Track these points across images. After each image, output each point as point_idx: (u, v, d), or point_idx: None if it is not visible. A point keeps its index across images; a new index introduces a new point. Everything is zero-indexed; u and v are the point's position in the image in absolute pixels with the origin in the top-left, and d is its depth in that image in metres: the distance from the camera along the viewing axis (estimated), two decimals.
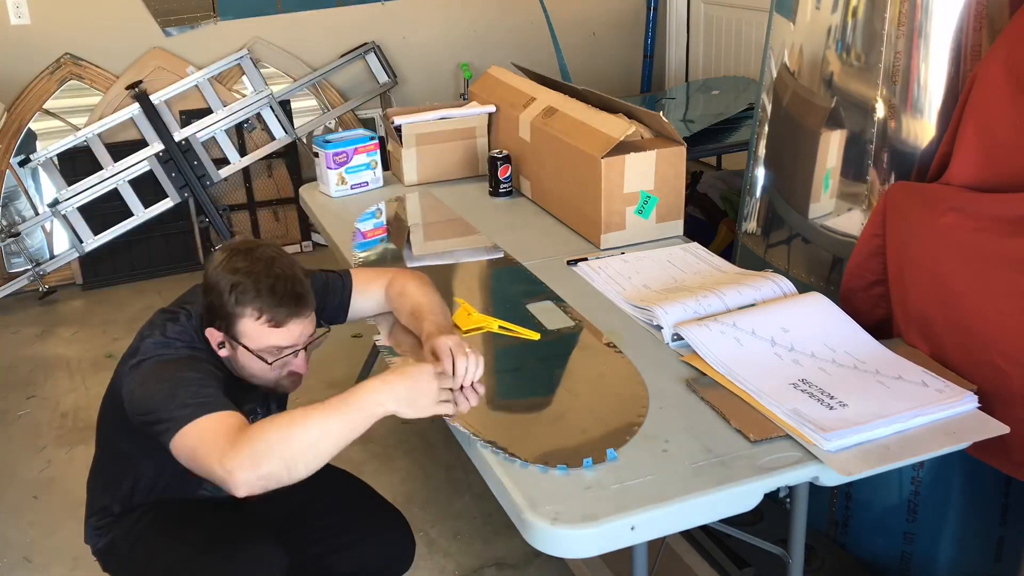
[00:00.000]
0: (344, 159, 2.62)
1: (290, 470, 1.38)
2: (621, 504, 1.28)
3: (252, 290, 1.57)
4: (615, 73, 5.01)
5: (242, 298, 1.57)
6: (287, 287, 1.59)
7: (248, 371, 1.64)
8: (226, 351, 1.64)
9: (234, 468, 1.36)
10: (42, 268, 3.95)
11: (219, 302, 1.59)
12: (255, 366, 1.63)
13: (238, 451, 1.37)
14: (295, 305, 1.60)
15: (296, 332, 1.61)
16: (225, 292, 1.57)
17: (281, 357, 1.62)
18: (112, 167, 3.97)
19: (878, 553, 1.94)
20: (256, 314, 1.57)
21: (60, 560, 2.39)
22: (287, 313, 1.59)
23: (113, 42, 4.04)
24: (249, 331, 1.59)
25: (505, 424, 1.52)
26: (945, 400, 1.48)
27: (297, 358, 1.65)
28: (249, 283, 1.57)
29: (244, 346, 1.60)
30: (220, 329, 1.61)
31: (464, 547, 2.37)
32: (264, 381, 1.66)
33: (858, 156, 1.91)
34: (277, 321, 1.59)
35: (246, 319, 1.58)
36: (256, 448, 1.37)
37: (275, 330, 1.59)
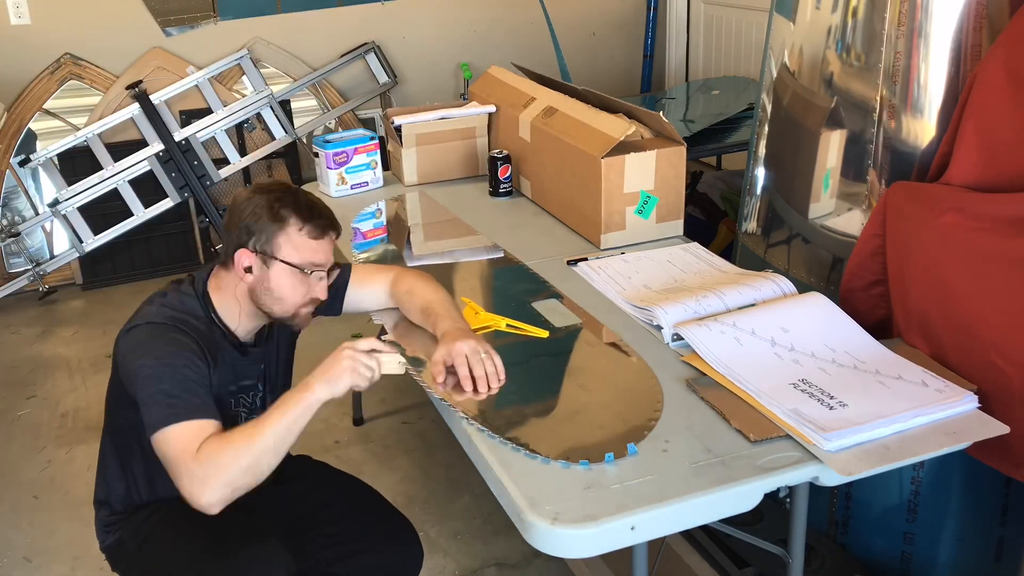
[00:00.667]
0: (344, 159, 2.62)
1: (255, 477, 1.48)
2: (621, 504, 1.28)
3: (293, 204, 1.65)
4: (615, 73, 5.01)
5: (285, 211, 1.64)
6: (321, 204, 1.71)
7: (277, 292, 1.67)
8: (252, 276, 1.66)
9: (200, 493, 1.44)
10: (42, 268, 3.95)
11: (257, 219, 1.64)
12: (286, 284, 1.66)
13: (205, 477, 1.45)
14: (330, 219, 1.70)
15: (329, 249, 1.70)
16: (265, 209, 1.64)
17: (316, 272, 1.68)
18: (112, 167, 3.97)
19: (878, 553, 1.94)
20: (299, 224, 1.65)
21: (60, 560, 2.39)
22: (325, 225, 1.68)
23: (113, 42, 4.04)
24: (289, 243, 1.65)
25: (522, 421, 1.52)
26: (945, 400, 1.48)
27: (322, 281, 1.71)
28: (289, 198, 1.66)
29: (282, 260, 1.65)
30: (255, 248, 1.65)
31: (464, 547, 2.37)
32: (287, 308, 1.69)
33: (858, 156, 1.91)
34: (317, 232, 1.66)
35: (288, 229, 1.65)
36: (220, 470, 1.45)
37: (314, 242, 1.66)
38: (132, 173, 3.99)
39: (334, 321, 1.93)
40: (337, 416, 2.91)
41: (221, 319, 1.70)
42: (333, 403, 2.81)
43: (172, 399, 1.51)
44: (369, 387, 1.59)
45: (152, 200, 4.04)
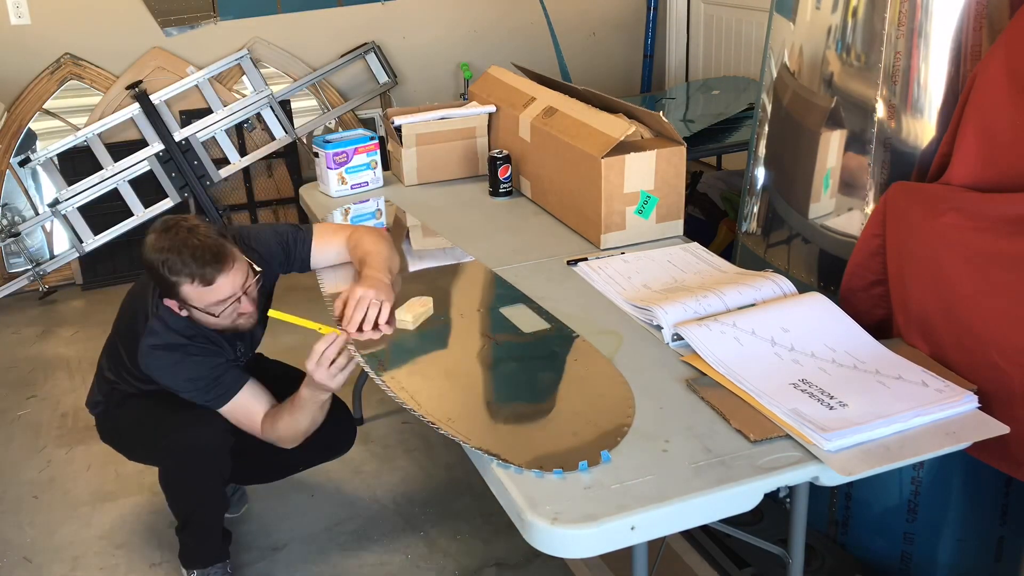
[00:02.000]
0: (344, 159, 2.62)
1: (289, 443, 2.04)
2: (621, 504, 1.28)
3: (179, 262, 1.87)
4: (615, 73, 5.01)
5: (173, 270, 1.88)
6: (207, 251, 1.88)
7: (206, 323, 1.99)
8: (187, 313, 1.97)
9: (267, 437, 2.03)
10: (42, 268, 3.95)
11: (159, 278, 1.91)
12: (209, 320, 1.97)
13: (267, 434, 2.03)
14: (214, 262, 1.89)
15: (228, 284, 1.92)
16: (160, 269, 1.89)
17: (226, 308, 1.94)
18: (112, 167, 3.97)
19: (878, 553, 1.94)
20: (189, 280, 1.88)
21: (60, 560, 2.39)
22: (212, 271, 1.88)
23: (113, 42, 4.04)
24: (190, 295, 1.91)
25: (493, 428, 1.52)
26: (945, 400, 1.48)
27: (242, 303, 1.96)
28: (173, 256, 1.87)
29: (193, 306, 1.93)
30: (171, 298, 1.95)
31: (464, 547, 2.37)
32: (223, 327, 2.00)
33: (858, 156, 1.91)
34: (207, 281, 1.88)
35: (184, 287, 1.89)
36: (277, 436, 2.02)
37: (208, 288, 1.90)
38: (132, 173, 3.99)
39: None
40: None
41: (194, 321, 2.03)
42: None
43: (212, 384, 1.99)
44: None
45: (152, 200, 4.04)
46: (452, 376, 1.68)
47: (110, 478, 2.69)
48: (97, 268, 4.11)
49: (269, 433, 2.03)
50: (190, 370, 1.99)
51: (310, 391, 1.93)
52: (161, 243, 1.89)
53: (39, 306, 3.96)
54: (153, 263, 1.89)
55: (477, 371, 1.70)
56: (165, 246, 1.88)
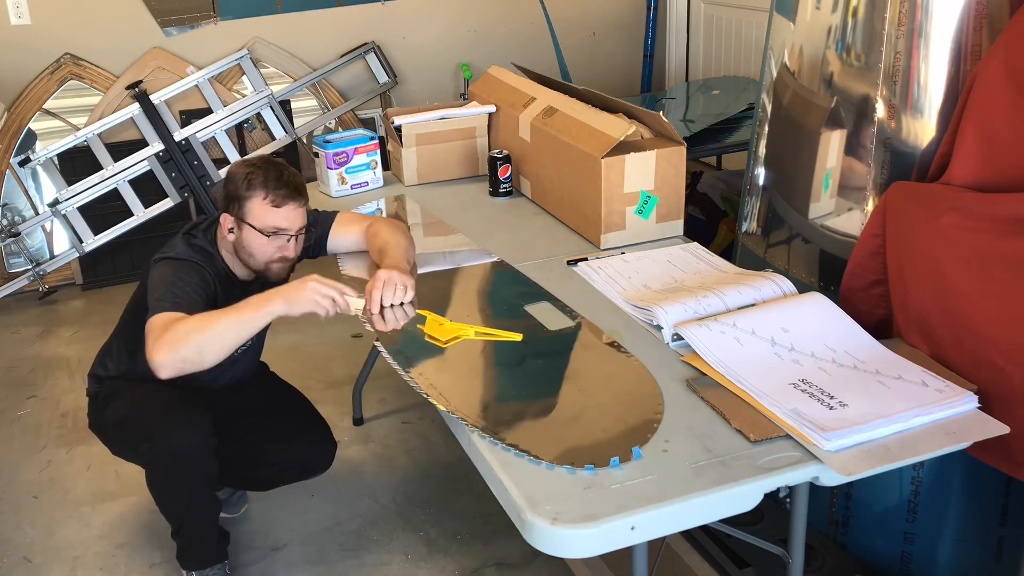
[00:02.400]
0: (344, 159, 2.62)
1: (201, 356, 1.81)
2: (621, 504, 1.28)
3: (261, 176, 1.98)
4: (615, 73, 5.01)
5: (253, 182, 1.97)
6: (289, 177, 2.00)
7: (248, 250, 2.02)
8: (234, 235, 2.02)
9: (154, 353, 1.78)
10: (42, 268, 3.95)
11: (234, 188, 1.99)
12: (255, 243, 2.00)
13: (161, 340, 1.79)
14: (293, 190, 1.99)
15: (292, 216, 2.00)
16: (240, 179, 1.98)
17: (278, 239, 2.00)
18: (112, 167, 3.97)
19: (878, 553, 1.94)
20: (263, 194, 1.97)
21: (60, 560, 2.39)
22: (286, 195, 1.98)
23: (113, 42, 4.04)
24: (255, 210, 1.98)
25: (522, 425, 1.51)
26: (945, 400, 1.48)
27: (289, 243, 2.02)
28: (259, 172, 1.98)
29: (250, 224, 1.98)
30: (232, 212, 2.00)
31: (464, 547, 2.37)
32: (258, 263, 2.03)
33: (858, 156, 1.91)
34: (278, 202, 1.97)
35: (254, 199, 1.97)
36: (176, 339, 1.78)
37: (276, 210, 1.98)
38: (132, 173, 3.99)
39: (333, 321, 1.94)
40: (337, 416, 2.91)
41: (226, 263, 2.08)
42: (333, 403, 2.82)
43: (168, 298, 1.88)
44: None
45: (152, 200, 4.04)
46: (479, 373, 1.68)
47: (110, 478, 2.69)
48: (97, 268, 4.11)
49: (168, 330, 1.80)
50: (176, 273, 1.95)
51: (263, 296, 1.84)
52: (252, 163, 2.02)
53: (39, 306, 3.95)
54: (236, 175, 2.00)
55: (503, 368, 1.70)
56: (256, 164, 2.01)
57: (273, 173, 1.98)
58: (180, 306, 1.87)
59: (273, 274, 2.06)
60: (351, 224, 2.20)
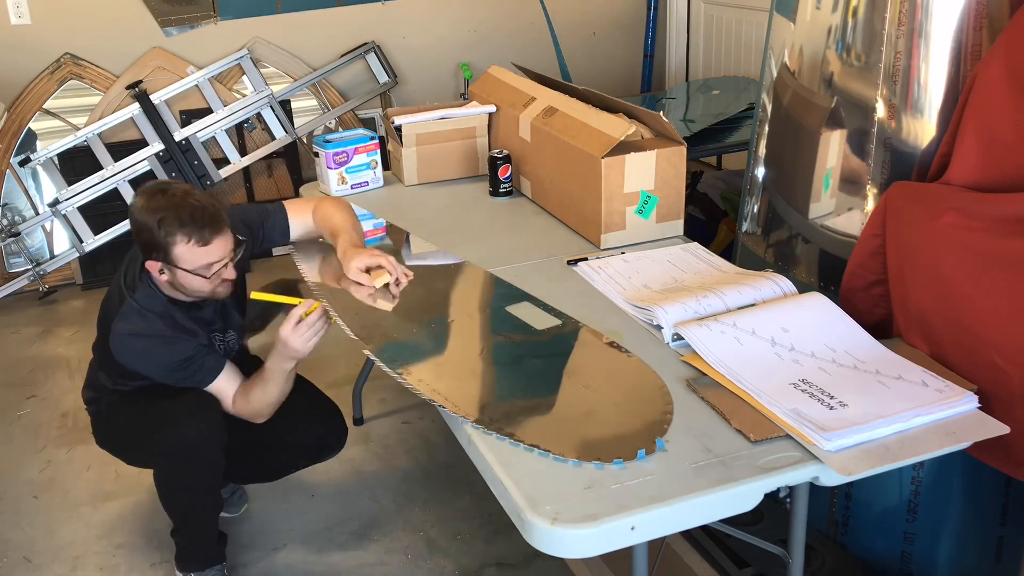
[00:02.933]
0: (344, 159, 2.62)
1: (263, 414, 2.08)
2: (621, 504, 1.28)
3: (176, 221, 1.89)
4: (615, 73, 5.01)
5: (170, 229, 1.89)
6: (205, 212, 1.92)
7: (189, 288, 1.99)
8: (166, 276, 1.97)
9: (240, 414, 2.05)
10: (42, 268, 3.95)
11: (151, 238, 1.91)
12: (194, 283, 1.97)
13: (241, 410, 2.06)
14: (215, 224, 1.93)
15: (221, 247, 1.96)
16: (155, 228, 1.90)
17: (216, 271, 1.96)
18: (112, 167, 3.97)
19: (878, 553, 1.94)
20: (186, 239, 1.90)
21: (60, 560, 2.39)
22: (211, 232, 1.92)
23: (113, 42, 4.04)
24: (183, 255, 1.92)
25: (536, 425, 1.49)
26: (945, 400, 1.48)
27: (227, 267, 2.00)
28: (171, 215, 1.89)
29: (182, 268, 1.94)
30: (158, 259, 1.94)
31: (464, 547, 2.37)
32: (203, 294, 2.01)
33: (858, 156, 1.91)
34: (204, 241, 1.92)
35: (178, 246, 1.91)
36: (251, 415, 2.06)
37: (203, 248, 1.93)
38: (132, 173, 3.99)
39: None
40: None
41: (174, 299, 2.05)
42: None
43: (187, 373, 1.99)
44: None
45: None
46: (478, 375, 1.68)
47: (110, 478, 2.69)
48: (97, 268, 4.11)
49: (242, 408, 2.06)
50: (164, 354, 2.00)
51: (277, 360, 1.98)
52: (156, 203, 1.91)
53: (39, 306, 3.95)
54: (145, 224, 1.90)
55: (502, 369, 1.70)
56: (161, 205, 1.90)
57: (186, 213, 1.90)
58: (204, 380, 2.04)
59: (219, 295, 2.06)
60: (302, 212, 2.25)
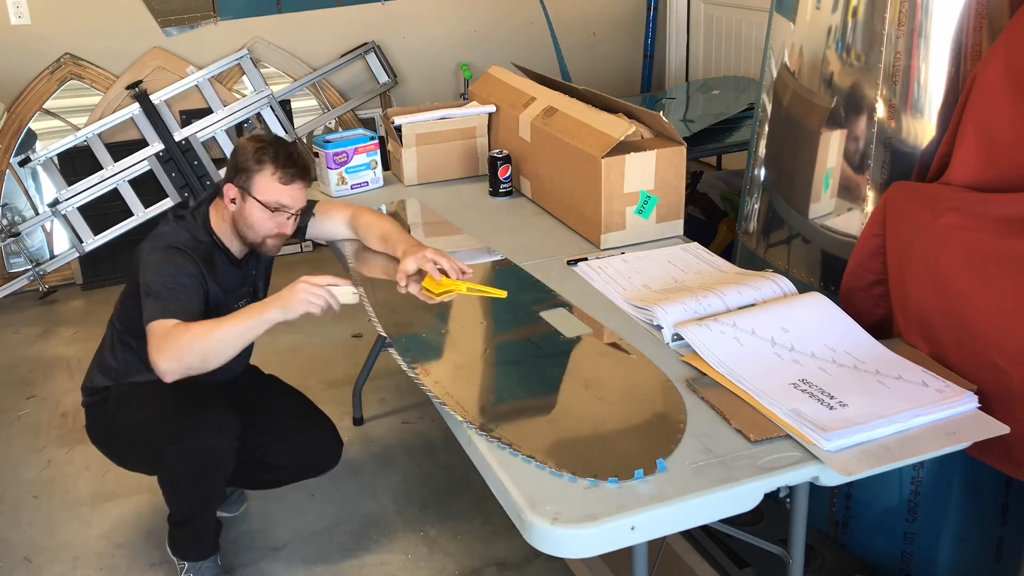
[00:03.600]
0: (344, 159, 2.62)
1: (205, 362, 1.87)
2: (621, 504, 1.28)
3: (272, 152, 2.03)
4: (615, 73, 5.01)
5: (263, 157, 2.02)
6: (298, 158, 2.07)
7: (249, 222, 2.06)
8: (236, 206, 2.06)
9: (159, 361, 1.84)
10: (42, 268, 3.95)
11: (243, 160, 2.03)
12: (257, 217, 2.04)
13: (166, 349, 1.85)
14: (302, 170, 2.06)
15: (297, 195, 2.06)
16: (250, 152, 2.03)
17: (279, 216, 2.05)
18: (112, 167, 3.97)
19: (878, 553, 1.94)
20: (272, 170, 2.02)
21: (60, 560, 2.39)
22: (295, 174, 2.04)
23: (113, 42, 4.04)
24: (262, 185, 2.03)
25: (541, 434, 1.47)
26: (945, 400, 1.48)
27: (289, 221, 2.08)
28: (270, 148, 2.04)
29: (255, 197, 2.03)
30: (238, 183, 2.04)
31: (464, 547, 2.37)
32: (256, 236, 2.07)
33: (858, 156, 1.91)
34: (286, 179, 2.03)
35: (263, 174, 2.02)
36: (180, 348, 1.85)
37: (283, 187, 2.03)
38: (132, 173, 3.99)
39: (334, 321, 1.94)
40: (337, 416, 2.90)
41: (219, 237, 2.11)
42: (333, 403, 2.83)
43: (168, 302, 1.92)
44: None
45: (152, 200, 4.04)
46: (494, 380, 1.67)
47: (110, 478, 2.69)
48: (97, 268, 4.11)
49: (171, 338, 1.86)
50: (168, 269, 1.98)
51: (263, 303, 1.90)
52: (263, 138, 2.07)
53: (39, 306, 3.95)
54: (246, 148, 2.04)
55: (521, 375, 1.68)
56: (268, 140, 2.06)
57: (283, 151, 2.04)
58: (179, 312, 1.91)
59: (267, 249, 2.11)
60: (334, 213, 2.28)
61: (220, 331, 1.88)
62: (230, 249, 2.13)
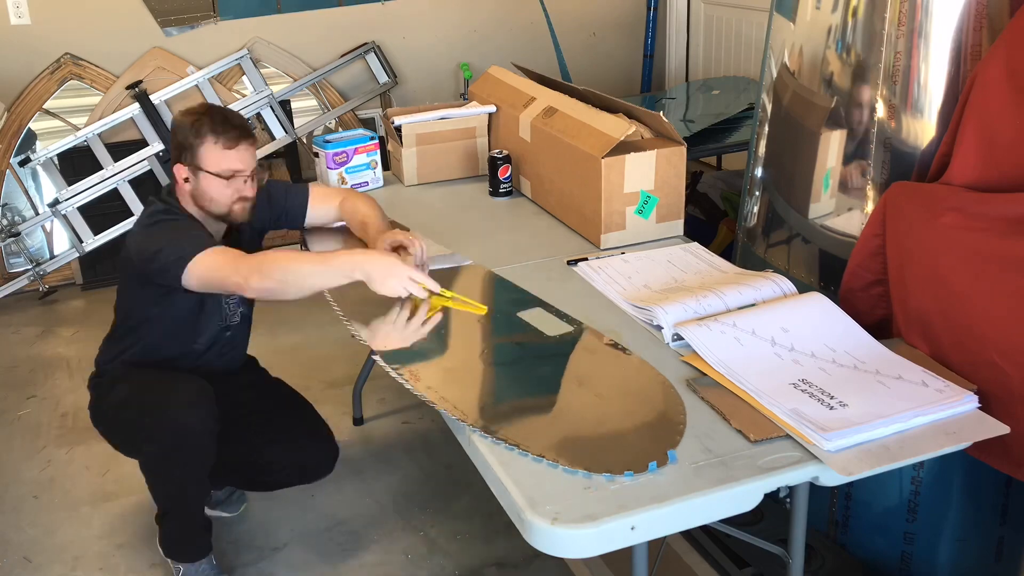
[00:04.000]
0: (344, 159, 2.62)
1: (284, 288, 1.86)
2: (621, 504, 1.28)
3: (208, 121, 2.02)
4: (615, 73, 5.01)
5: (201, 128, 2.01)
6: (235, 119, 2.06)
7: (209, 196, 2.05)
8: (191, 184, 2.06)
9: (249, 274, 1.85)
10: (42, 268, 3.95)
11: (183, 137, 2.03)
12: (214, 188, 2.04)
13: (252, 265, 1.86)
14: (243, 131, 2.05)
15: (245, 157, 2.05)
16: (187, 127, 2.03)
17: (234, 180, 2.04)
18: (112, 167, 3.97)
19: (878, 553, 1.94)
20: (213, 139, 2.01)
21: (60, 560, 2.39)
22: (237, 136, 2.03)
23: (113, 42, 4.04)
24: (208, 156, 2.02)
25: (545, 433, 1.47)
26: (945, 400, 1.48)
27: (247, 184, 2.07)
28: (205, 118, 2.03)
29: (205, 170, 2.03)
30: (185, 162, 2.05)
31: (464, 547, 2.37)
32: (220, 207, 2.07)
33: (858, 156, 1.92)
34: (230, 143, 2.02)
35: (206, 145, 2.02)
36: (266, 266, 1.86)
37: (229, 152, 2.02)
38: (132, 173, 3.99)
39: (334, 321, 1.94)
40: (337, 416, 2.91)
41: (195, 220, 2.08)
42: (333, 403, 2.82)
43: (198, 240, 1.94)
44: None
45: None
46: (486, 382, 1.66)
47: (110, 478, 2.69)
48: (97, 268, 4.11)
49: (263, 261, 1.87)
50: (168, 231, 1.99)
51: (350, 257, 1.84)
52: (196, 111, 2.06)
53: (39, 306, 3.96)
54: (182, 124, 2.04)
55: (514, 376, 1.68)
56: (201, 111, 2.05)
57: (219, 116, 2.04)
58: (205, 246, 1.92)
59: (236, 216, 2.10)
60: (327, 199, 2.29)
61: (306, 263, 1.88)
62: (207, 229, 2.11)
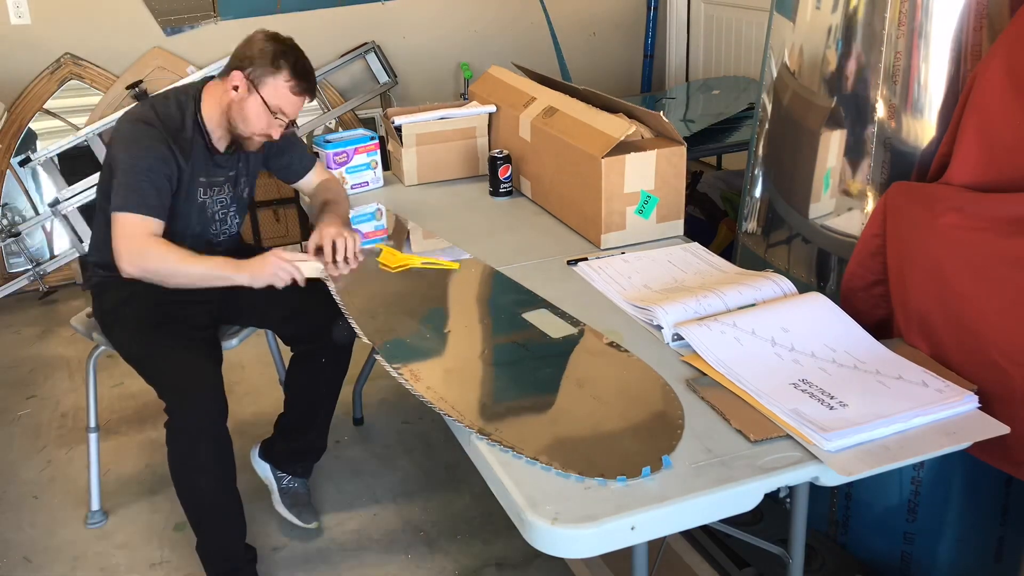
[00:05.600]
0: (344, 159, 2.62)
1: (163, 281, 2.03)
2: (621, 504, 1.28)
3: (292, 60, 2.11)
4: (615, 73, 5.01)
5: (283, 62, 2.09)
6: (311, 74, 2.17)
7: (245, 114, 2.12)
8: (236, 94, 2.11)
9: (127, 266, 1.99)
10: (42, 268, 3.95)
11: (263, 58, 2.09)
12: (255, 112, 2.11)
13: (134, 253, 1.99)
14: (312, 85, 2.17)
15: (299, 107, 2.17)
16: (269, 52, 2.09)
17: (273, 119, 2.13)
18: None
19: (878, 553, 1.94)
20: (287, 78, 2.10)
21: (60, 560, 2.39)
22: (306, 88, 2.15)
23: (113, 42, 4.04)
24: (274, 87, 2.10)
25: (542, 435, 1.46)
26: (945, 400, 1.48)
27: (280, 126, 2.16)
28: (291, 54, 2.12)
29: (261, 96, 2.10)
30: (249, 76, 2.10)
31: (464, 547, 2.37)
32: (247, 130, 2.13)
33: (858, 156, 1.91)
34: (298, 91, 2.13)
35: (278, 77, 2.10)
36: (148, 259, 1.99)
37: (292, 97, 2.13)
38: None
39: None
40: (337, 416, 2.91)
41: (204, 121, 2.15)
42: None
43: (134, 191, 2.01)
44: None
45: None
46: (487, 384, 1.66)
47: (110, 478, 2.69)
48: None
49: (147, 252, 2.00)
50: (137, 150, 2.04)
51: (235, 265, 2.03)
52: (284, 41, 2.14)
53: (39, 306, 3.96)
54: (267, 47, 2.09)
55: (514, 377, 1.67)
56: (288, 44, 2.13)
57: (301, 62, 2.12)
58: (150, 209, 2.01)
59: (251, 144, 2.17)
60: (319, 172, 2.45)
61: (190, 266, 2.01)
62: (212, 134, 2.16)
